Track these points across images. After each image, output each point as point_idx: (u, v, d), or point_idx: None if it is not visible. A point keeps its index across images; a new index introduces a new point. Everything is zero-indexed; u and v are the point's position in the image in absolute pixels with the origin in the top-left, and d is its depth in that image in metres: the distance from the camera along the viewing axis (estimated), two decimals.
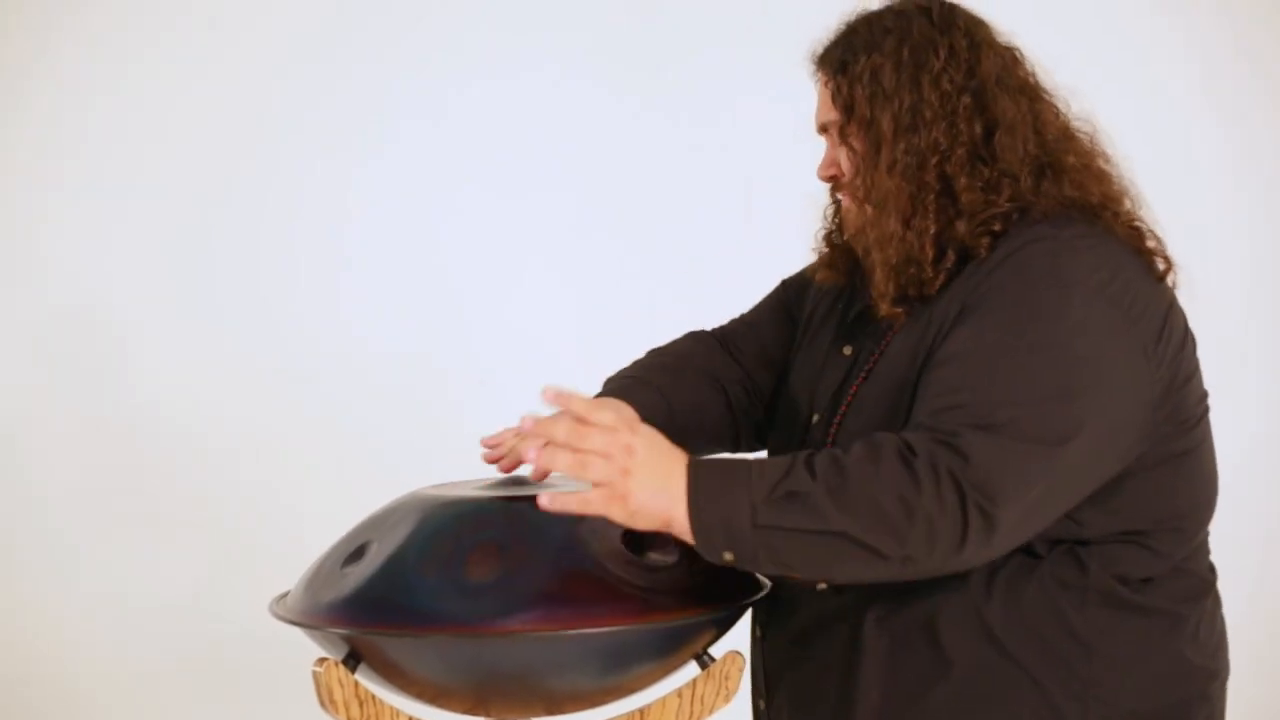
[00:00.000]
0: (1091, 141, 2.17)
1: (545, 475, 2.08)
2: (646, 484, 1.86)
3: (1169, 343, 2.01)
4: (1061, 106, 2.18)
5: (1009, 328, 1.96)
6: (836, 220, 2.33)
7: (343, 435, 4.25)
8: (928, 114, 2.07)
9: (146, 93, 4.23)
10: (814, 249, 2.39)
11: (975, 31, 2.14)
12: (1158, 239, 2.11)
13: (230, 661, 4.11)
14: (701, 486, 1.86)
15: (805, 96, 2.30)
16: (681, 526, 1.87)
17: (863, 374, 2.18)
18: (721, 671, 2.03)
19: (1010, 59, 2.15)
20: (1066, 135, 2.15)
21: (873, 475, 1.84)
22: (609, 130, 4.33)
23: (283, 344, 4.24)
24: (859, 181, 2.13)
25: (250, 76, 4.27)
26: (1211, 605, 2.16)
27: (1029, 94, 2.14)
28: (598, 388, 4.21)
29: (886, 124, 2.08)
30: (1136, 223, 2.11)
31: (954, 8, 2.16)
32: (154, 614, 4.17)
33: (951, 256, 2.07)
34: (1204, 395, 2.12)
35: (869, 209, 2.12)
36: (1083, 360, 1.93)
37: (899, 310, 2.11)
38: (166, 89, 4.24)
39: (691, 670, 2.05)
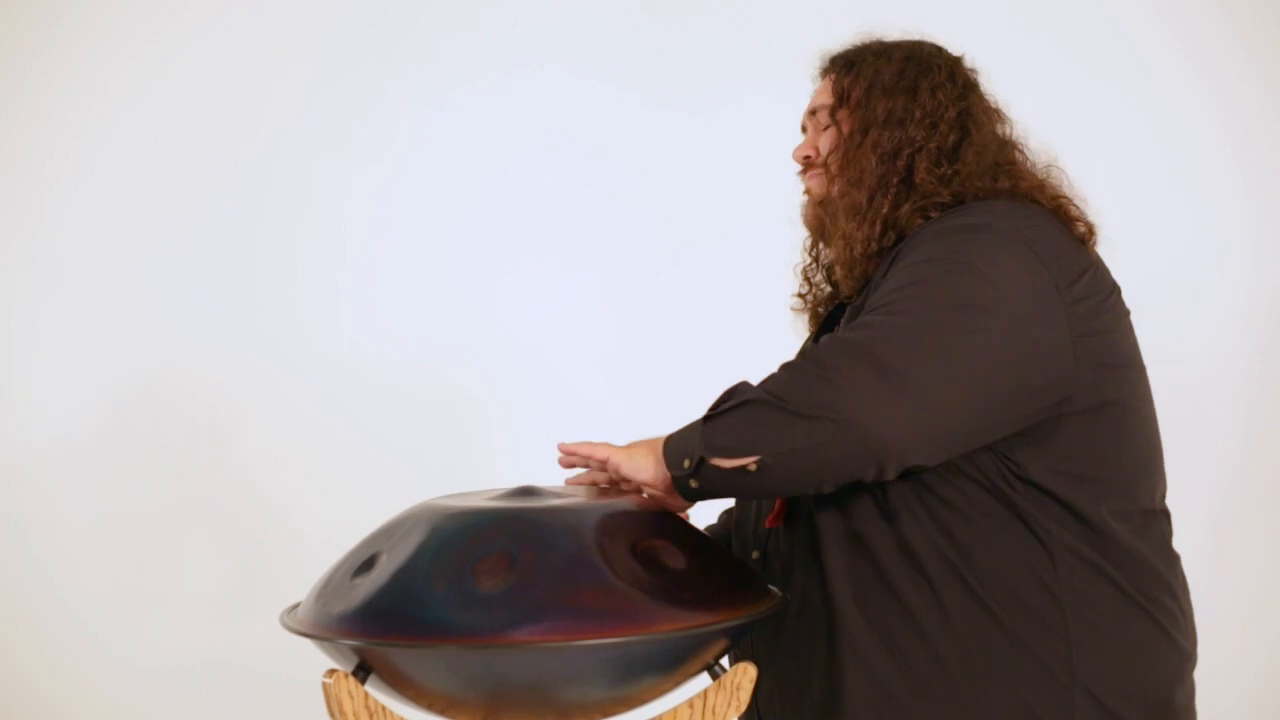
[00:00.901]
0: (1046, 171, 2.35)
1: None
2: (638, 442, 2.22)
3: (1088, 290, 2.15)
4: (1030, 156, 2.37)
5: (924, 257, 2.13)
6: (814, 252, 2.52)
7: (355, 444, 4.24)
8: (917, 114, 2.29)
9: (146, 94, 4.23)
10: (793, 294, 2.57)
11: (970, 76, 2.39)
12: (1079, 208, 2.30)
13: (240, 673, 4.09)
14: (674, 431, 2.17)
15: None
16: (657, 456, 2.15)
17: None
18: (733, 682, 2.03)
19: (995, 113, 2.38)
20: (1024, 168, 2.34)
21: (789, 362, 2.11)
22: (628, 129, 4.33)
23: (288, 350, 4.24)
24: (836, 156, 2.34)
25: (251, 76, 4.27)
26: (1180, 589, 2.25)
27: (1001, 142, 2.35)
28: (608, 386, 4.23)
29: (879, 111, 2.30)
30: (1060, 197, 2.29)
31: (957, 57, 2.39)
32: (165, 624, 4.16)
33: (892, 236, 2.27)
34: (1137, 359, 2.24)
35: (841, 181, 2.33)
36: (986, 276, 2.07)
37: (851, 281, 2.29)
38: (166, 90, 4.23)
39: (703, 681, 2.05)
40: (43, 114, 4.20)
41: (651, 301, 4.31)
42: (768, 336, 4.19)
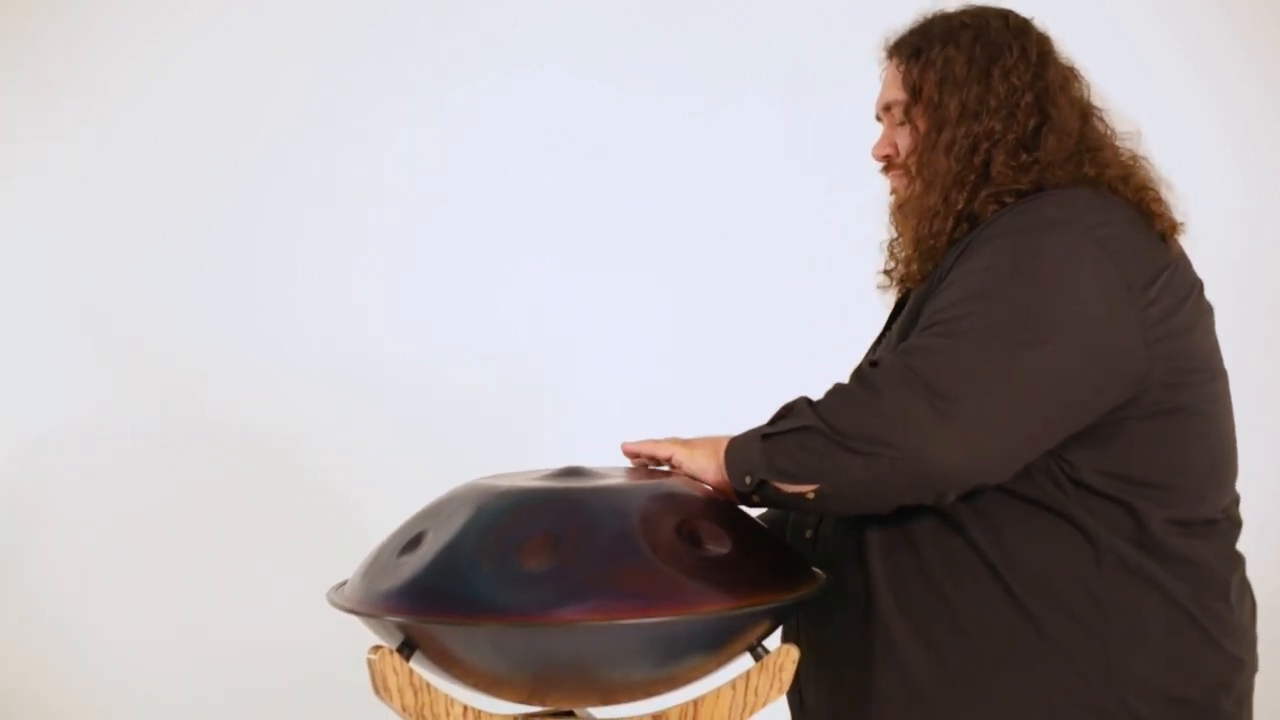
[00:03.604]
0: (1133, 158, 2.26)
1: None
2: (700, 441, 2.21)
3: (1165, 291, 2.08)
4: (1110, 125, 2.29)
5: (992, 256, 2.08)
6: (895, 240, 2.43)
7: (354, 444, 4.24)
8: (992, 103, 2.20)
9: (146, 94, 4.23)
10: (879, 270, 2.48)
11: (1043, 43, 2.29)
12: (1164, 204, 2.21)
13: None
14: (735, 438, 2.15)
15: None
16: (720, 462, 2.14)
17: (877, 344, 2.33)
18: (775, 663, 2.03)
19: (1070, 74, 2.29)
20: (1109, 148, 2.25)
21: (842, 385, 2.08)
22: (627, 129, 4.34)
23: (288, 350, 4.24)
24: (914, 158, 2.26)
25: (251, 76, 4.26)
26: (1239, 594, 2.19)
27: (1081, 109, 2.26)
28: (609, 384, 4.23)
29: (954, 108, 2.22)
30: (1145, 188, 2.21)
31: (1027, 20, 2.29)
32: (176, 623, 4.16)
33: (965, 227, 2.21)
34: (1215, 362, 2.18)
35: (918, 183, 2.26)
36: (1052, 283, 2.03)
37: (917, 274, 2.24)
38: (166, 90, 4.23)
39: (746, 662, 2.05)
40: (43, 114, 4.18)
41: (652, 301, 4.31)
42: (767, 336, 4.23)
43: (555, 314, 4.32)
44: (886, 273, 2.44)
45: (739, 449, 2.12)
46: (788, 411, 2.10)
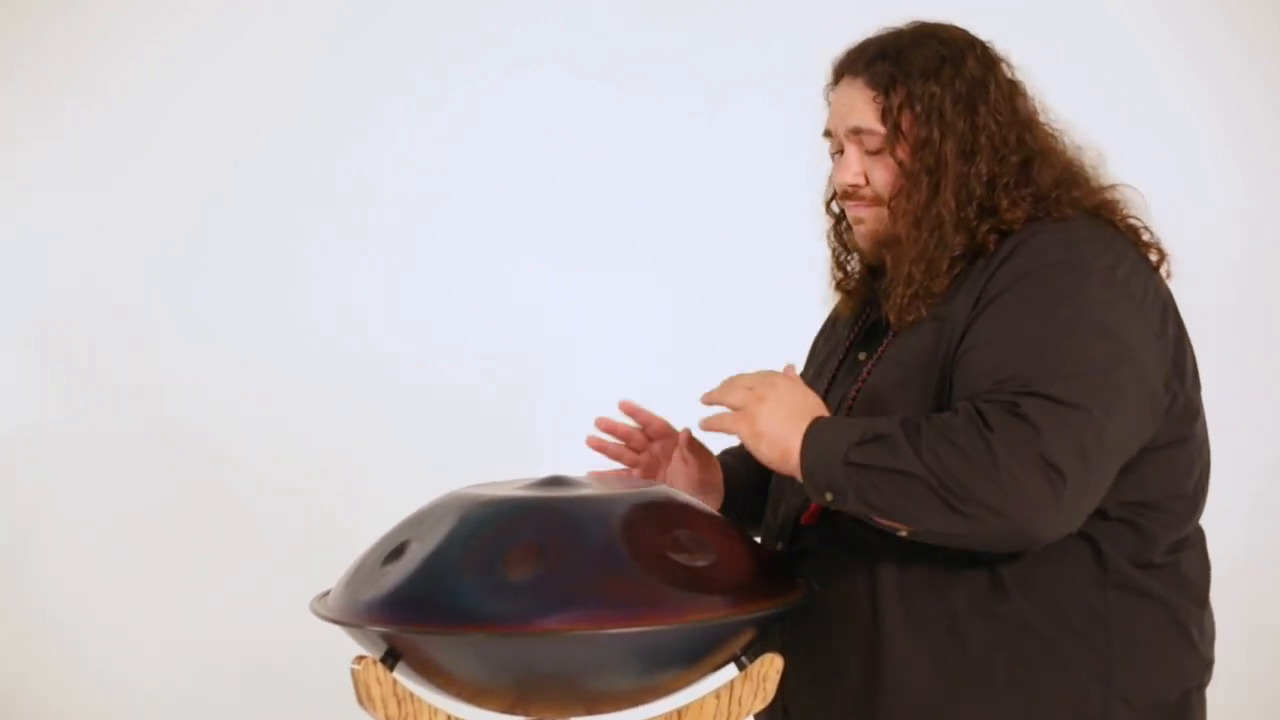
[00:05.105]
0: (1095, 171, 2.26)
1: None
2: (775, 414, 2.08)
3: (1171, 325, 2.11)
4: (1061, 137, 2.27)
5: (1037, 310, 2.05)
6: (844, 237, 2.41)
7: (355, 444, 4.26)
8: (982, 140, 2.16)
9: (146, 94, 4.24)
10: (832, 280, 2.47)
11: (1007, 70, 2.25)
12: (1152, 233, 2.22)
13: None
14: (816, 429, 2.05)
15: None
16: (794, 462, 2.05)
17: (870, 367, 2.26)
18: (759, 673, 2.03)
19: (1027, 96, 2.25)
20: (1075, 165, 2.25)
21: (949, 433, 1.97)
22: (627, 129, 4.34)
23: (288, 350, 4.25)
24: (901, 200, 2.18)
25: (251, 76, 4.27)
26: (1207, 599, 2.25)
27: (1050, 133, 2.25)
28: (608, 385, 4.23)
29: (948, 150, 2.15)
30: (1132, 219, 2.21)
31: (987, 46, 2.25)
32: (177, 625, 4.17)
33: (962, 263, 2.17)
34: (1198, 381, 2.20)
35: (906, 223, 2.19)
36: (1113, 335, 2.01)
37: (910, 319, 2.18)
38: (166, 90, 4.25)
39: (730, 672, 2.05)
40: (42, 114, 4.19)
41: (652, 301, 4.32)
42: (767, 336, 4.21)
43: (555, 314, 4.32)
44: (839, 285, 2.43)
45: (819, 461, 2.03)
46: (878, 437, 2.00)
